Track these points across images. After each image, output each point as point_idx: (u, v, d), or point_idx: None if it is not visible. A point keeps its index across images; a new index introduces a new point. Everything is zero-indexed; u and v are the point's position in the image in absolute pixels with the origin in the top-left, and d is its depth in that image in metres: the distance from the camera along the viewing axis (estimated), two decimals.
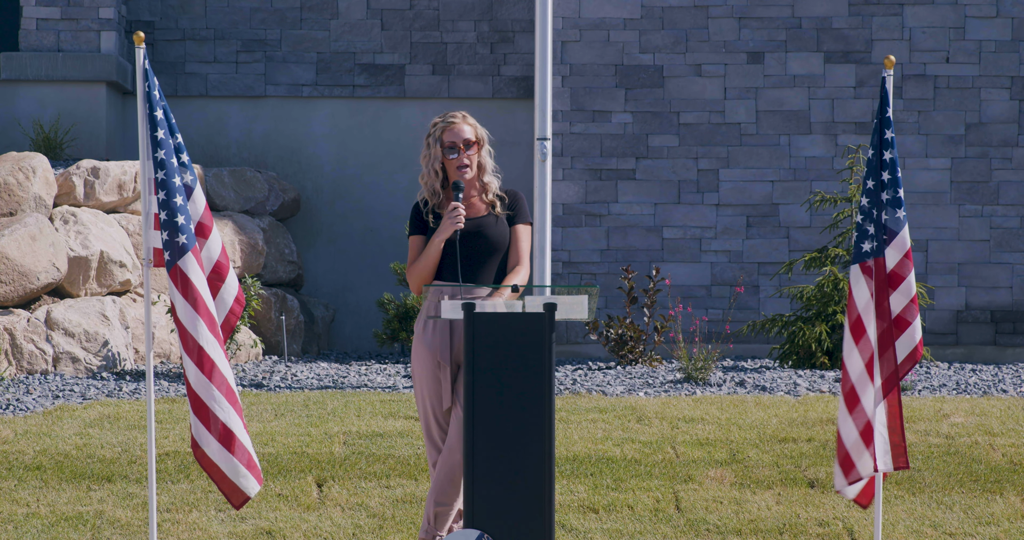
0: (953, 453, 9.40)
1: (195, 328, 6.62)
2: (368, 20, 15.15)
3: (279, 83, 15.16)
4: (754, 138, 14.37)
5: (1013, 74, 14.33)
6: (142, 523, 7.84)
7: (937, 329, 14.32)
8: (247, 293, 12.50)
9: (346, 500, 8.27)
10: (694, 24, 14.38)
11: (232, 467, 6.59)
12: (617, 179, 14.39)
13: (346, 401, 11.06)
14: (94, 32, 14.46)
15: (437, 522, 6.87)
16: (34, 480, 8.59)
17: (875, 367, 6.64)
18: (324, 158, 15.23)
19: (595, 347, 14.08)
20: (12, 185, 12.29)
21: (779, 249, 14.35)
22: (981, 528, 7.88)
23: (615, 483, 8.62)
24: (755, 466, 9.03)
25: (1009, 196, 14.34)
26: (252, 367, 12.94)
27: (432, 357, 6.83)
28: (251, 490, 6.60)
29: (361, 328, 15.11)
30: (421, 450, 9.34)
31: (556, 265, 14.30)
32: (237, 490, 6.61)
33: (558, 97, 14.34)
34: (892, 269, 6.68)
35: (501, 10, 15.09)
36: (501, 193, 6.98)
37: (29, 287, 11.93)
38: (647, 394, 11.68)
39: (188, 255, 6.65)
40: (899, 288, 6.67)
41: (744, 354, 14.15)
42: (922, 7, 14.33)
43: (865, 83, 14.33)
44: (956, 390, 12.04)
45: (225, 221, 14.02)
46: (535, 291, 6.58)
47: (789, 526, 7.88)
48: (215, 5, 15.12)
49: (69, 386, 11.46)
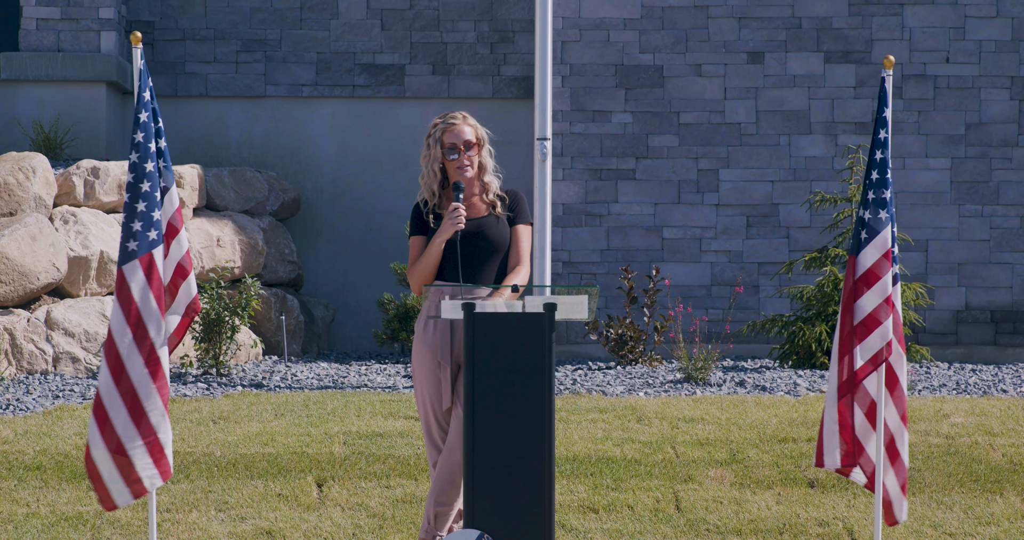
0: (953, 453, 9.40)
1: (122, 334, 6.60)
2: (368, 20, 15.15)
3: (279, 83, 15.16)
4: (754, 138, 14.37)
5: (1013, 74, 14.33)
6: (142, 523, 7.84)
7: (937, 329, 14.32)
8: (247, 293, 12.50)
9: (346, 500, 8.27)
10: (694, 24, 14.38)
11: (111, 473, 6.63)
12: (617, 179, 14.39)
13: (346, 401, 11.06)
14: (94, 32, 14.46)
15: (437, 522, 6.87)
16: (34, 480, 8.59)
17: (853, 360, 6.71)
18: (324, 158, 15.23)
19: (595, 347, 14.08)
20: (12, 185, 12.29)
21: (779, 249, 14.35)
22: (981, 528, 7.88)
23: (615, 483, 8.62)
24: (755, 466, 9.04)
25: (1009, 196, 14.34)
26: (252, 367, 12.94)
27: (432, 357, 6.83)
28: (124, 499, 6.66)
29: (361, 328, 15.11)
30: (421, 450, 9.34)
31: (556, 265, 14.31)
32: (108, 496, 6.66)
33: (558, 97, 14.34)
34: (869, 268, 6.71)
35: (501, 10, 15.09)
36: (502, 193, 6.98)
37: (29, 287, 11.94)
38: (647, 394, 11.68)
39: (135, 262, 6.62)
40: (874, 287, 6.70)
41: (744, 354, 14.15)
42: (922, 7, 14.34)
43: (865, 83, 14.33)
44: (956, 390, 12.04)
45: (225, 221, 14.02)
46: (535, 291, 6.58)
47: (789, 526, 7.88)
48: (215, 5, 15.12)
49: (69, 386, 11.46)
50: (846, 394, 6.69)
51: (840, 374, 6.70)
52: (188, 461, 9.01)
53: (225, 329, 12.33)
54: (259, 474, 8.75)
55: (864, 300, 6.71)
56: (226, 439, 9.64)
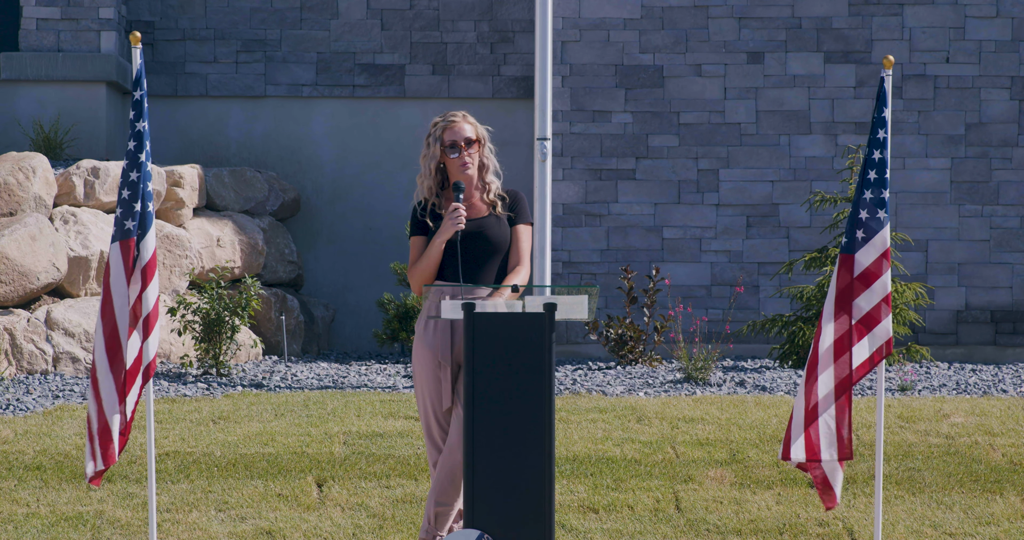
0: (953, 453, 9.40)
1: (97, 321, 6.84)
2: (368, 20, 15.15)
3: (279, 83, 15.16)
4: (754, 138, 14.37)
5: (1013, 74, 14.33)
6: (142, 523, 7.84)
7: (937, 329, 14.32)
8: (247, 293, 12.49)
9: (346, 500, 8.27)
10: (694, 24, 14.38)
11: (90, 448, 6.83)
12: (617, 179, 14.39)
13: (346, 401, 11.06)
14: (94, 32, 14.46)
15: (437, 522, 6.87)
16: (34, 480, 8.59)
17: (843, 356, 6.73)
18: (324, 158, 15.23)
19: (595, 347, 14.08)
20: (12, 185, 12.29)
21: (779, 249, 14.35)
22: (981, 528, 7.88)
23: (615, 483, 8.62)
24: (755, 466, 9.03)
25: (1009, 196, 14.34)
26: (252, 367, 12.94)
27: (433, 357, 6.83)
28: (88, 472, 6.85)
29: (361, 328, 15.10)
30: (421, 450, 9.34)
31: (556, 265, 14.30)
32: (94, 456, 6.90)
33: (558, 97, 14.34)
34: (868, 267, 6.73)
35: (501, 10, 15.09)
36: (502, 193, 6.98)
37: (29, 287, 11.93)
38: (647, 394, 11.68)
39: (115, 244, 6.77)
40: (872, 286, 6.72)
41: (744, 354, 14.15)
42: (922, 7, 14.33)
43: (865, 83, 14.33)
44: (956, 390, 12.04)
45: (225, 221, 14.03)
46: (535, 291, 6.58)
47: (789, 526, 7.88)
48: (215, 5, 15.12)
49: (69, 386, 11.46)
50: (845, 392, 6.71)
51: (838, 372, 6.71)
52: (188, 461, 9.01)
53: (225, 329, 12.33)
54: (259, 474, 8.75)
55: (862, 299, 6.72)
56: (226, 439, 9.64)
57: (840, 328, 6.72)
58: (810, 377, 6.74)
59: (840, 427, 6.74)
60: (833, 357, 6.72)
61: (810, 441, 6.75)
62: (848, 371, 6.71)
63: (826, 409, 6.74)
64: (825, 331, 6.73)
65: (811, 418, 6.74)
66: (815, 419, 6.73)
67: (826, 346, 6.73)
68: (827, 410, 6.74)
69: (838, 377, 6.72)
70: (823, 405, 6.73)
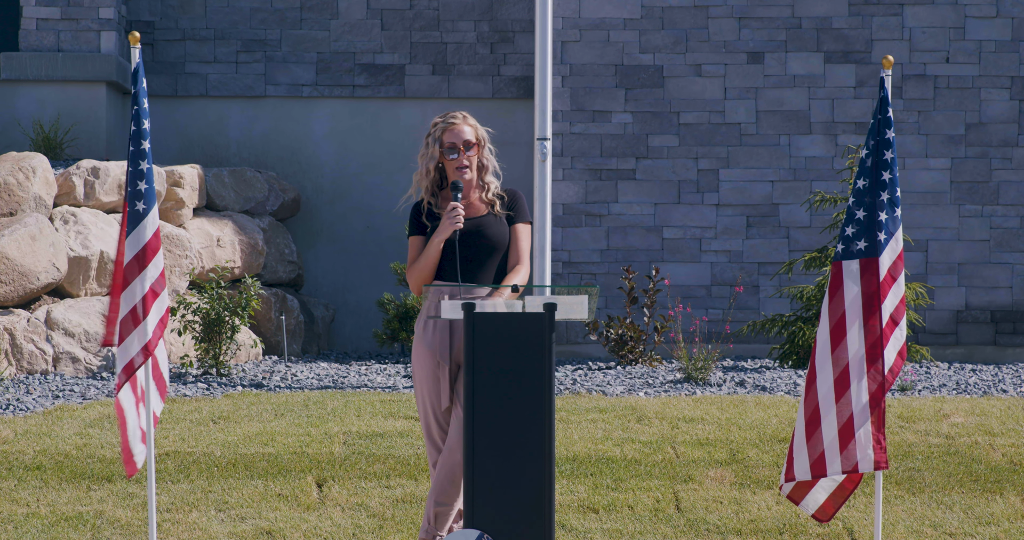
0: (953, 453, 9.40)
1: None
2: (368, 20, 15.15)
3: (279, 83, 15.16)
4: (754, 138, 14.37)
5: (1013, 74, 14.33)
6: (142, 523, 7.84)
7: (937, 329, 14.32)
8: (247, 293, 12.50)
9: (346, 500, 8.27)
10: (694, 24, 14.38)
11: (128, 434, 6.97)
12: (617, 179, 14.39)
13: (346, 401, 11.06)
14: (94, 32, 14.46)
15: (437, 522, 6.87)
16: (34, 480, 8.59)
17: (855, 372, 6.62)
18: (324, 158, 15.23)
19: (595, 347, 14.08)
20: (12, 185, 12.29)
21: (779, 249, 14.36)
22: (981, 528, 7.88)
23: (615, 483, 8.62)
24: (755, 466, 9.04)
25: (1009, 196, 14.34)
26: (252, 367, 12.94)
27: (432, 357, 6.82)
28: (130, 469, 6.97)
29: (361, 328, 15.11)
30: (421, 450, 9.34)
31: (556, 265, 14.31)
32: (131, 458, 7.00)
33: (558, 97, 14.34)
34: (890, 268, 6.69)
35: (501, 10, 15.09)
36: (501, 192, 6.97)
37: (29, 287, 11.93)
38: (647, 394, 11.68)
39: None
40: (892, 289, 6.67)
41: (744, 354, 14.15)
42: (922, 7, 14.34)
43: (865, 83, 14.33)
44: (956, 390, 12.04)
45: (225, 221, 14.03)
46: (535, 291, 6.58)
47: (789, 526, 7.88)
48: (215, 5, 15.12)
49: (69, 386, 11.46)
50: (882, 399, 6.59)
51: (872, 379, 6.58)
52: (188, 461, 9.01)
53: (225, 329, 12.34)
54: (259, 474, 8.75)
55: (888, 301, 6.66)
56: (226, 439, 9.64)
57: (871, 333, 6.60)
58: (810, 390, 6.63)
59: (878, 434, 6.64)
60: (866, 364, 6.59)
61: (849, 453, 6.61)
62: (881, 378, 6.60)
63: (865, 420, 6.60)
64: (851, 338, 6.58)
65: (847, 430, 6.59)
66: (851, 431, 6.59)
67: (858, 354, 6.55)
68: (867, 420, 6.61)
69: (873, 384, 6.60)
70: (860, 417, 6.59)
